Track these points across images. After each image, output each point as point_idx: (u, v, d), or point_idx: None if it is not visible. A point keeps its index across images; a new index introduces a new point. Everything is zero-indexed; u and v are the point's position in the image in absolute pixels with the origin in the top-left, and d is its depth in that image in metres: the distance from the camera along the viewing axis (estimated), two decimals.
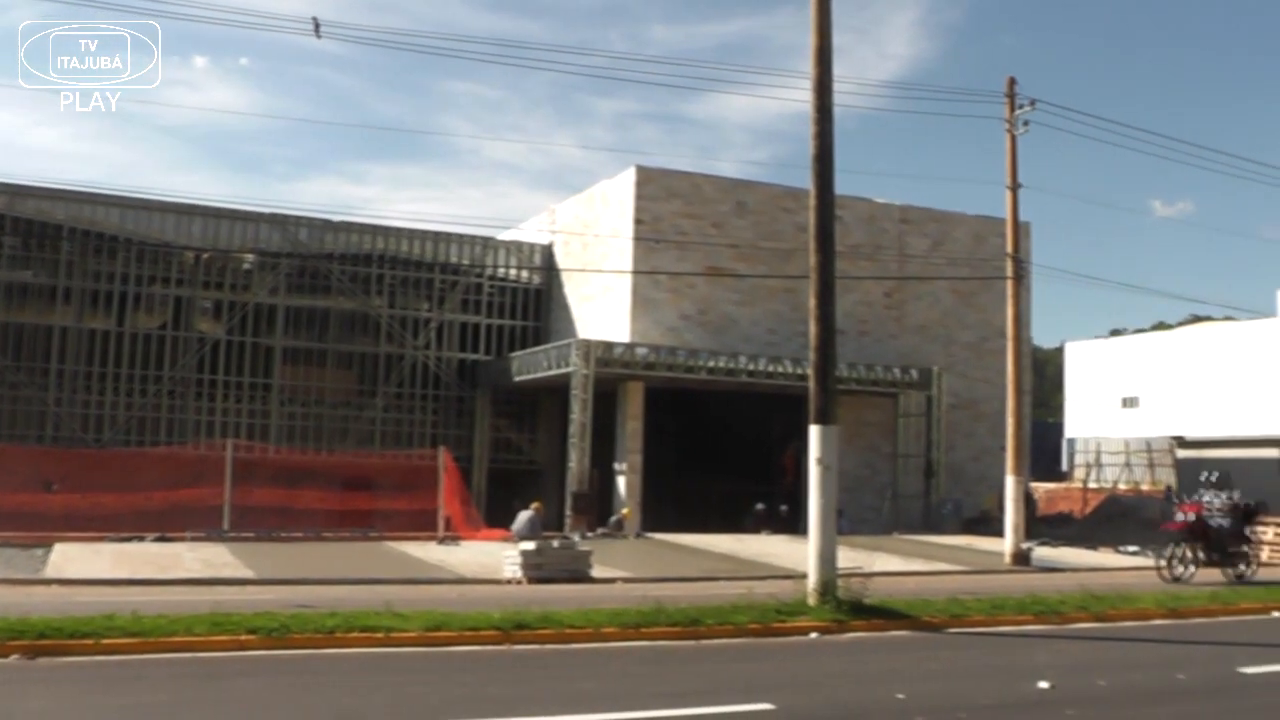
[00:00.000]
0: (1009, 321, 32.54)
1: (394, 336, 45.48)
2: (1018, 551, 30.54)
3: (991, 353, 42.30)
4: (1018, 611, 18.42)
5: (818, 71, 18.79)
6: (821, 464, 17.99)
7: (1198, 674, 13.99)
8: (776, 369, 38.98)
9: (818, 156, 18.60)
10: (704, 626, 15.72)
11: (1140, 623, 18.82)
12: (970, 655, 15.26)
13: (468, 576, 24.19)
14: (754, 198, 43.66)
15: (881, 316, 45.40)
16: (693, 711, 10.58)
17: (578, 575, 23.83)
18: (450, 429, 45.18)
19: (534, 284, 48.20)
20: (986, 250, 43.80)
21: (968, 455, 45.28)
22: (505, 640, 14.67)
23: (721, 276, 42.15)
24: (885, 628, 16.86)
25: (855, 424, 42.30)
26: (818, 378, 18.29)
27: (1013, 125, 31.74)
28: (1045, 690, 12.06)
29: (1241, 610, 20.69)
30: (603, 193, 44.44)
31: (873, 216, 45.80)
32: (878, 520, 41.72)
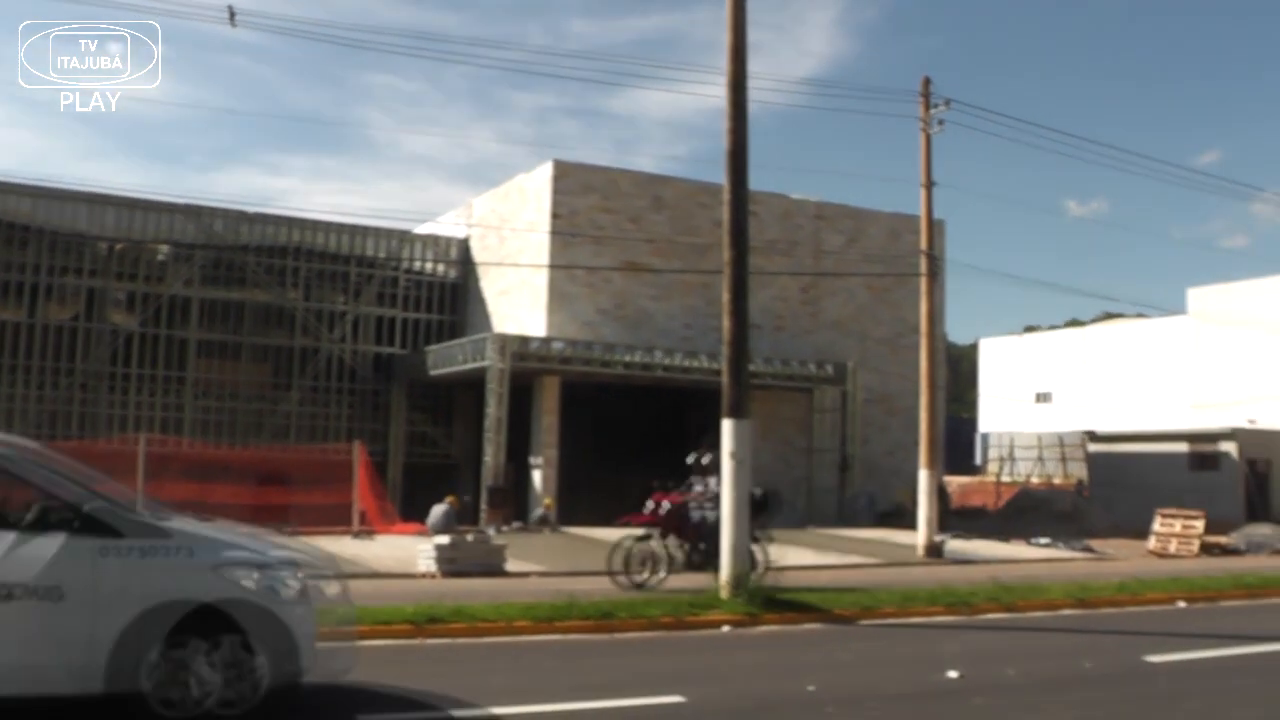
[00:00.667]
0: (923, 318, 32.83)
1: (309, 330, 45.04)
2: (930, 544, 30.83)
3: (906, 348, 42.57)
4: (928, 603, 18.58)
5: (732, 68, 18.87)
6: (734, 458, 18.07)
7: (1104, 662, 14.18)
8: (693, 363, 39.07)
9: (732, 152, 18.69)
10: (617, 620, 15.74)
11: (1050, 613, 19.08)
12: (881, 646, 15.39)
13: (382, 571, 24.06)
14: (671, 193, 43.75)
15: (797, 312, 45.64)
16: (603, 704, 10.56)
17: (492, 569, 23.81)
18: (366, 423, 44.83)
19: (450, 278, 48.00)
20: (901, 247, 44.15)
21: (882, 450, 45.62)
22: (417, 634, 14.61)
23: (638, 271, 42.21)
24: (797, 620, 16.95)
25: (770, 419, 42.47)
26: (731, 372, 18.36)
27: (927, 124, 32.04)
28: (954, 680, 12.20)
29: (1149, 600, 20.98)
30: (519, 187, 44.34)
31: (789, 212, 46.00)
32: (793, 514, 41.89)
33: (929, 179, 32.25)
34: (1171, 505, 37.67)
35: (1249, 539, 37.55)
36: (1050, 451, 60.88)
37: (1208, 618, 19.54)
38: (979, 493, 56.42)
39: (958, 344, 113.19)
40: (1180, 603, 21.05)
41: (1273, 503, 47.20)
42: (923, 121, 32.11)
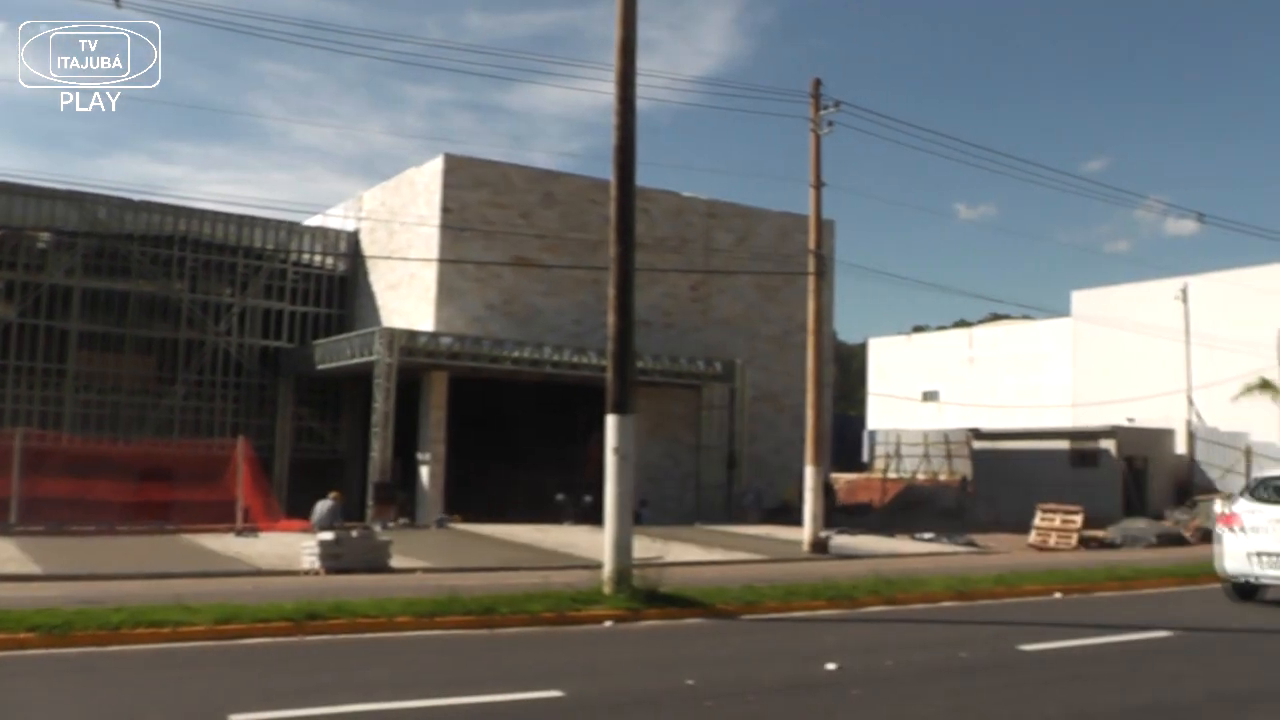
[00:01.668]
0: (810, 316, 33.09)
1: (195, 322, 44.45)
2: (816, 540, 31.08)
3: (794, 346, 42.86)
4: (811, 597, 18.68)
5: (621, 64, 18.90)
6: (618, 453, 18.06)
7: (980, 652, 14.45)
8: (581, 360, 39.10)
9: (619, 148, 18.71)
10: (499, 615, 15.71)
11: (930, 605, 19.34)
12: (762, 640, 15.48)
13: (265, 568, 23.87)
14: (562, 189, 43.75)
15: (687, 309, 45.84)
16: (482, 699, 10.55)
17: (377, 566, 23.67)
18: (252, 418, 44.35)
19: (339, 271, 47.66)
20: (791, 246, 44.47)
21: (770, 447, 45.94)
22: (297, 631, 14.51)
23: (528, 267, 42.15)
24: (680, 616, 17.01)
25: (659, 415, 42.72)
26: (615, 368, 18.36)
27: (817, 125, 32.30)
28: (832, 672, 12.30)
29: (1027, 592, 21.35)
30: (410, 180, 44.11)
31: (680, 210, 46.18)
32: (680, 510, 42.12)
33: (818, 179, 32.51)
34: (1053, 501, 38.32)
35: (1125, 533, 38.31)
36: (936, 449, 61.55)
37: (1082, 608, 19.92)
38: (866, 489, 56.93)
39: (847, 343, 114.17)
40: (1056, 594, 21.48)
41: (1149, 498, 48.15)
42: (813, 122, 32.36)
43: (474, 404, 41.44)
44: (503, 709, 10.34)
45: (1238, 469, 50.59)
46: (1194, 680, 12.75)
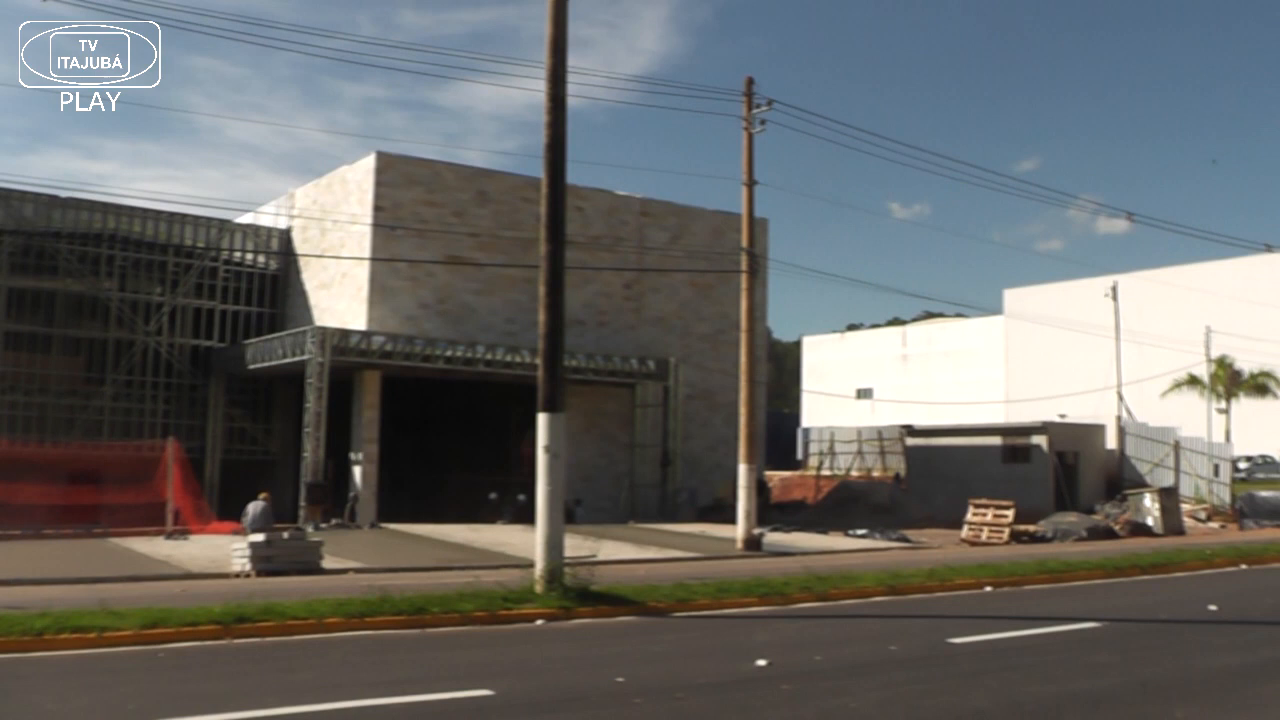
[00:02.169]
0: (743, 314, 33.13)
1: (124, 321, 43.86)
2: (749, 537, 31.13)
3: (728, 344, 42.96)
4: (743, 594, 18.77)
5: (552, 61, 18.89)
6: (549, 451, 18.03)
7: (910, 646, 14.56)
8: (515, 359, 39.00)
9: (550, 145, 18.70)
10: (429, 615, 15.70)
11: (861, 600, 19.49)
12: (693, 638, 15.51)
13: (195, 571, 23.66)
14: (495, 187, 43.61)
15: (620, 308, 45.82)
16: (411, 699, 10.54)
17: (309, 567, 23.55)
18: (183, 418, 43.90)
19: (271, 269, 47.28)
20: (725, 245, 44.54)
21: (704, 445, 46.03)
22: (225, 634, 14.41)
23: (461, 265, 41.98)
24: (612, 614, 17.04)
25: (593, 414, 42.73)
26: (546, 366, 18.33)
27: (750, 124, 32.37)
28: (763, 668, 12.38)
29: (958, 586, 21.52)
30: (343, 178, 43.84)
31: (614, 209, 46.16)
32: (615, 509, 42.13)
33: (751, 177, 32.57)
34: (985, 496, 38.56)
35: (1056, 527, 38.64)
36: (870, 446, 61.76)
37: (1012, 601, 20.17)
38: (800, 487, 57.08)
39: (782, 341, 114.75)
40: (987, 587, 21.71)
41: (1080, 493, 48.60)
42: (745, 121, 32.43)
43: (408, 404, 41.31)
44: (432, 708, 10.33)
45: (1167, 463, 51.20)
46: (1122, 670, 12.91)
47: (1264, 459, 65.28)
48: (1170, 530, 40.41)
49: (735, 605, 18.16)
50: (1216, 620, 17.45)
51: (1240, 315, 65.57)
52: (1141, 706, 10.83)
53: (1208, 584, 22.95)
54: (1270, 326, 64.80)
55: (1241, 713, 10.33)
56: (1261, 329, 63.90)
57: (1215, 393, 62.91)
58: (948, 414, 67.78)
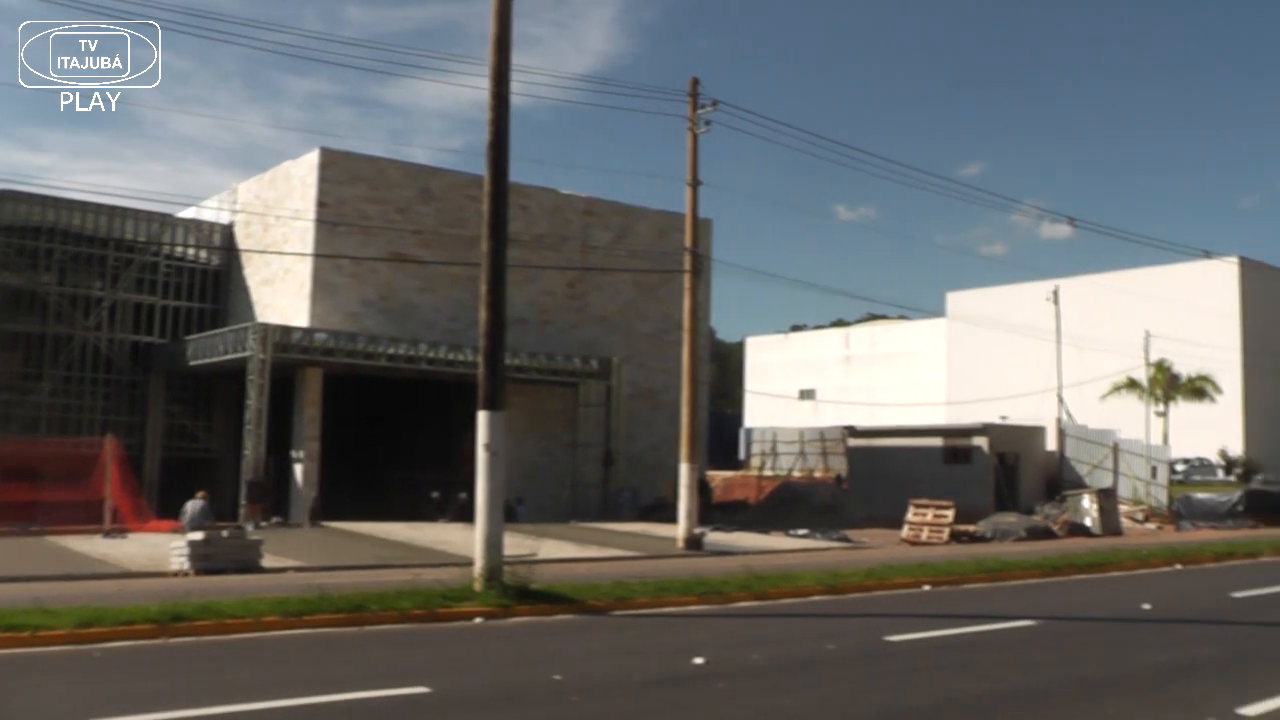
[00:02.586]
0: (686, 314, 33.18)
1: (64, 316, 43.43)
2: (691, 537, 31.19)
3: (671, 344, 43.04)
4: (682, 593, 18.84)
5: (495, 59, 18.88)
6: (489, 449, 18.01)
7: (847, 643, 14.70)
8: (458, 357, 38.94)
9: (493, 143, 18.69)
10: (368, 613, 15.65)
11: (800, 599, 19.59)
12: (631, 636, 15.56)
13: (133, 570, 23.46)
14: (439, 185, 43.51)
15: (564, 307, 45.81)
16: (348, 697, 10.51)
17: (248, 565, 23.39)
18: (122, 415, 43.50)
19: (213, 265, 46.95)
20: (669, 244, 44.50)
21: (647, 444, 46.06)
22: (162, 634, 14.30)
23: (404, 263, 41.87)
24: (551, 612, 17.04)
25: (536, 413, 42.72)
26: (487, 363, 18.33)
27: (694, 124, 32.42)
28: (700, 666, 12.43)
29: (896, 585, 21.71)
30: (286, 173, 43.61)
31: (558, 208, 46.13)
32: (557, 508, 42.11)
33: (695, 178, 32.63)
34: (926, 497, 38.81)
35: (996, 526, 38.98)
36: (812, 447, 62.20)
37: (949, 599, 20.37)
38: (742, 487, 57.34)
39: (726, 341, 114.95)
40: (925, 586, 21.92)
41: (1020, 493, 49.03)
42: (690, 121, 32.49)
43: (350, 401, 41.18)
44: (369, 706, 10.31)
45: (1106, 465, 51.78)
46: (1056, 667, 13.06)
47: (1200, 461, 66.14)
48: (1108, 531, 40.85)
49: (674, 604, 18.22)
50: (1150, 619, 17.70)
51: (1179, 320, 66.39)
52: (1075, 703, 10.97)
53: (1143, 584, 23.25)
54: (1208, 331, 65.72)
55: (1172, 710, 10.48)
56: (1199, 334, 64.78)
57: (1154, 396, 63.69)
58: (890, 415, 68.32)
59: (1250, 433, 68.53)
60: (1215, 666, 13.15)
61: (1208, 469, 66.03)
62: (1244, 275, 71.04)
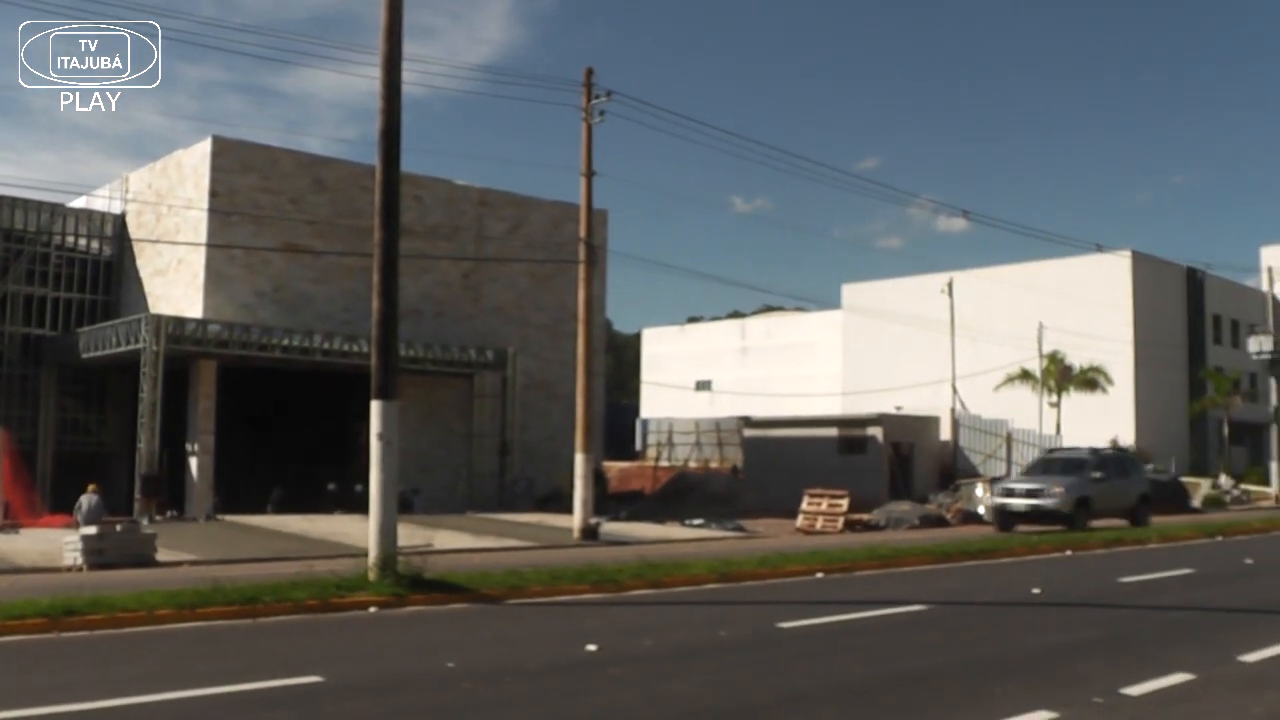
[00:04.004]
0: (581, 304, 33.29)
1: None
2: (586, 526, 31.30)
3: (567, 335, 43.16)
4: (575, 581, 18.91)
5: (386, 47, 18.91)
6: (383, 439, 18.03)
7: (739, 630, 14.86)
8: (352, 348, 38.85)
9: (384, 132, 18.71)
10: (262, 604, 15.60)
11: (694, 587, 19.75)
12: (524, 624, 15.65)
13: (25, 565, 23.19)
14: (333, 175, 43.36)
15: (458, 298, 45.81)
16: (242, 687, 10.50)
17: (142, 559, 23.23)
18: (14, 409, 42.87)
19: (105, 255, 46.43)
20: (563, 235, 44.72)
21: (542, 435, 46.16)
22: (53, 628, 14.19)
23: (298, 253, 41.69)
24: (445, 601, 17.08)
25: (430, 404, 42.68)
26: (380, 353, 18.35)
27: (589, 114, 32.50)
28: (593, 653, 12.55)
29: (790, 572, 21.91)
30: (178, 162, 43.22)
31: (452, 198, 46.12)
32: (453, 499, 42.10)
33: (589, 168, 32.71)
34: (822, 487, 39.20)
35: (890, 515, 39.44)
36: (708, 437, 62.40)
37: (841, 586, 20.63)
38: (638, 477, 57.49)
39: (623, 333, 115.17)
40: (819, 574, 22.11)
41: (915, 483, 49.59)
42: (584, 111, 32.57)
43: (245, 394, 40.89)
44: (262, 696, 10.31)
45: (999, 454, 52.46)
46: (945, 650, 13.32)
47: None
48: None
49: (568, 593, 18.33)
50: (1039, 602, 18.03)
51: (1071, 312, 67.22)
52: (963, 682, 11.21)
53: (1033, 569, 23.62)
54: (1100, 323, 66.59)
55: (1059, 689, 10.66)
56: (1091, 326, 65.65)
57: (1047, 387, 64.55)
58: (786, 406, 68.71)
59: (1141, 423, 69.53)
60: (1101, 648, 13.37)
61: None
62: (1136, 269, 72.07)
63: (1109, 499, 35.74)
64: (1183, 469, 61.40)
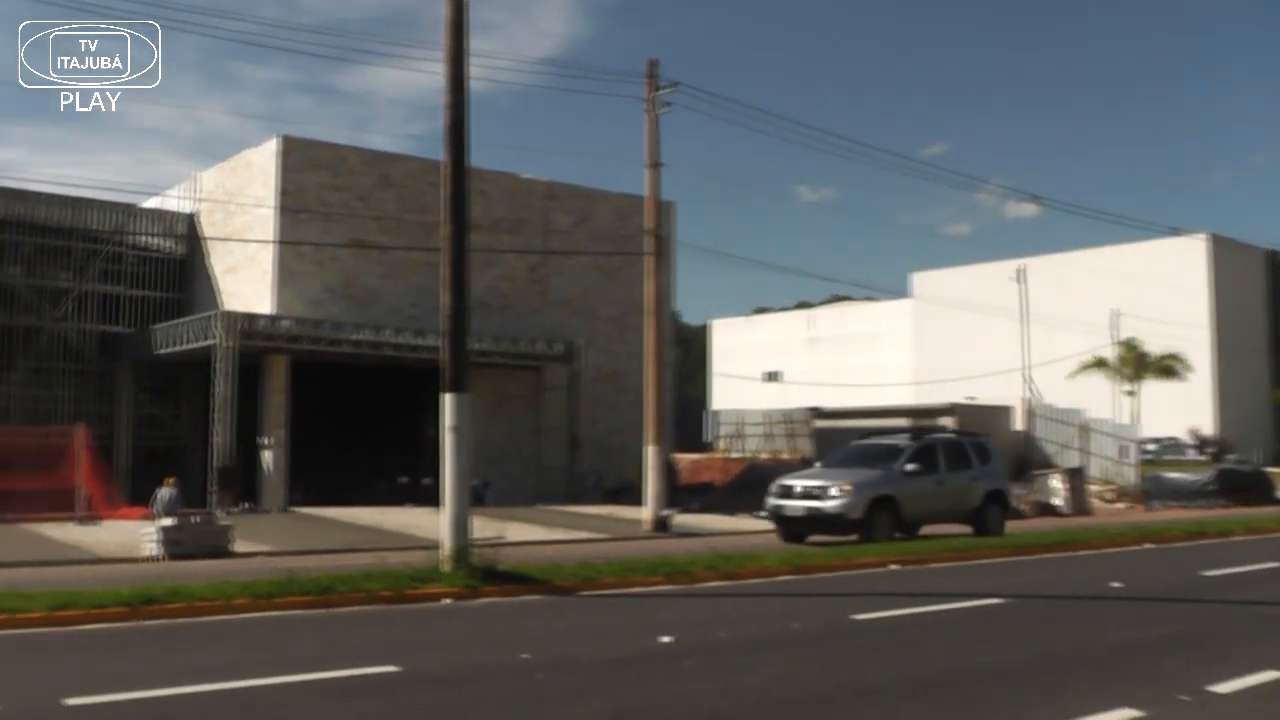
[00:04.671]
0: (648, 296, 33.31)
1: (31, 307, 43.46)
2: (657, 518, 31.33)
3: (635, 327, 43.06)
4: (648, 573, 18.95)
5: (451, 42, 18.97)
6: (454, 431, 18.14)
7: (813, 622, 14.81)
8: (420, 342, 38.95)
9: (451, 127, 18.80)
10: (336, 595, 15.74)
11: (766, 579, 19.63)
12: (598, 616, 15.72)
13: (105, 556, 23.53)
14: (399, 171, 43.56)
15: (526, 291, 45.91)
16: (320, 676, 10.61)
17: (218, 550, 23.52)
18: (91, 405, 43.34)
19: (177, 254, 46.92)
20: (630, 227, 44.67)
21: (611, 427, 46.16)
22: (134, 616, 14.39)
23: (366, 249, 41.93)
24: (518, 593, 17.14)
25: (499, 397, 42.79)
26: (450, 346, 18.44)
27: (653, 105, 32.50)
28: (667, 644, 12.54)
29: (862, 564, 21.80)
30: (247, 162, 43.60)
31: (518, 192, 46.20)
32: (523, 492, 42.22)
33: (655, 159, 32.72)
34: None
35: None
36: (778, 428, 62.19)
37: (915, 579, 20.45)
38: (708, 469, 57.33)
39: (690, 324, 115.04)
40: (892, 565, 21.98)
41: None
42: (648, 103, 32.57)
43: (316, 388, 41.18)
44: (338, 685, 10.41)
45: (1074, 445, 51.93)
46: (1023, 644, 13.16)
47: (1170, 441, 66.22)
48: (1077, 510, 41.07)
49: (641, 584, 18.35)
50: (1120, 596, 17.75)
51: (1147, 298, 66.55)
52: (1043, 678, 11.00)
53: (1112, 562, 23.29)
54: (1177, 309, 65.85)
55: (1142, 685, 10.46)
56: (1168, 312, 64.92)
57: (1122, 375, 63.88)
58: (856, 396, 68.39)
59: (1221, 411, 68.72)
60: (1185, 644, 13.16)
61: (1178, 448, 65.97)
62: (1214, 252, 71.18)
63: (932, 499, 27.91)
64: (1267, 459, 60.61)
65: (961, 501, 28.64)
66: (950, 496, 28.40)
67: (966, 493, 28.75)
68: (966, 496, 28.74)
